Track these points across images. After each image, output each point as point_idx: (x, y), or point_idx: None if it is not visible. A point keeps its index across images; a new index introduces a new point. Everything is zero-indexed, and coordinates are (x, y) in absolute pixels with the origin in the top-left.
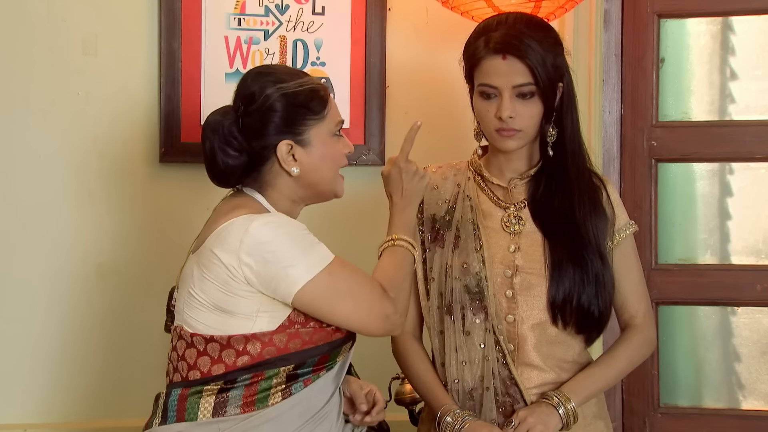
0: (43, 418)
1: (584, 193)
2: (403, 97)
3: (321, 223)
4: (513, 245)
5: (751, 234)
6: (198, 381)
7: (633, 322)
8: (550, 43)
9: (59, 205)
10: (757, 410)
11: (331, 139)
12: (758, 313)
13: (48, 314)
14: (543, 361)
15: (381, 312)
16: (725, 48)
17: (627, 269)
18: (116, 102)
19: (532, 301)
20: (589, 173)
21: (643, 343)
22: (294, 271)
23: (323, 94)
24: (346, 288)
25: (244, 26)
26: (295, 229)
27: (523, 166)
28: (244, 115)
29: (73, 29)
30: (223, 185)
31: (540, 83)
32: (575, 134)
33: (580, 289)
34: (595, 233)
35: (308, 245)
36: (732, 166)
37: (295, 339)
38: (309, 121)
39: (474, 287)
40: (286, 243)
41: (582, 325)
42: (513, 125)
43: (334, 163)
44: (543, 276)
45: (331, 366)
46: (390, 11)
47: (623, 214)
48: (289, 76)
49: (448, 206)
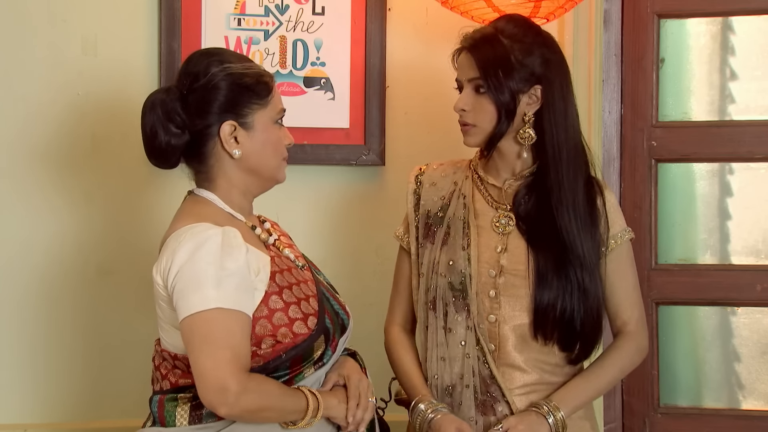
0: (42, 419)
1: (569, 200)
2: (403, 98)
3: (320, 222)
4: (500, 246)
5: (750, 234)
6: (170, 390)
7: (625, 329)
8: (526, 43)
9: (57, 204)
10: (757, 410)
11: (273, 126)
12: (758, 313)
13: (45, 314)
14: (524, 362)
15: (222, 382)
16: (725, 48)
17: (620, 276)
18: (116, 102)
19: (514, 302)
20: (585, 179)
21: (635, 351)
22: (182, 302)
23: (268, 80)
24: (206, 338)
25: (244, 26)
26: (208, 260)
27: (518, 167)
28: (188, 92)
29: (73, 29)
30: (162, 165)
31: (488, 79)
32: (558, 140)
33: (563, 299)
34: (581, 242)
35: (206, 280)
36: (732, 166)
37: (255, 358)
38: (253, 104)
39: (457, 285)
40: (191, 271)
41: (564, 341)
42: (466, 119)
43: (275, 151)
44: (526, 279)
45: (309, 363)
46: (390, 11)
47: (619, 220)
48: (236, 58)
49: (443, 203)
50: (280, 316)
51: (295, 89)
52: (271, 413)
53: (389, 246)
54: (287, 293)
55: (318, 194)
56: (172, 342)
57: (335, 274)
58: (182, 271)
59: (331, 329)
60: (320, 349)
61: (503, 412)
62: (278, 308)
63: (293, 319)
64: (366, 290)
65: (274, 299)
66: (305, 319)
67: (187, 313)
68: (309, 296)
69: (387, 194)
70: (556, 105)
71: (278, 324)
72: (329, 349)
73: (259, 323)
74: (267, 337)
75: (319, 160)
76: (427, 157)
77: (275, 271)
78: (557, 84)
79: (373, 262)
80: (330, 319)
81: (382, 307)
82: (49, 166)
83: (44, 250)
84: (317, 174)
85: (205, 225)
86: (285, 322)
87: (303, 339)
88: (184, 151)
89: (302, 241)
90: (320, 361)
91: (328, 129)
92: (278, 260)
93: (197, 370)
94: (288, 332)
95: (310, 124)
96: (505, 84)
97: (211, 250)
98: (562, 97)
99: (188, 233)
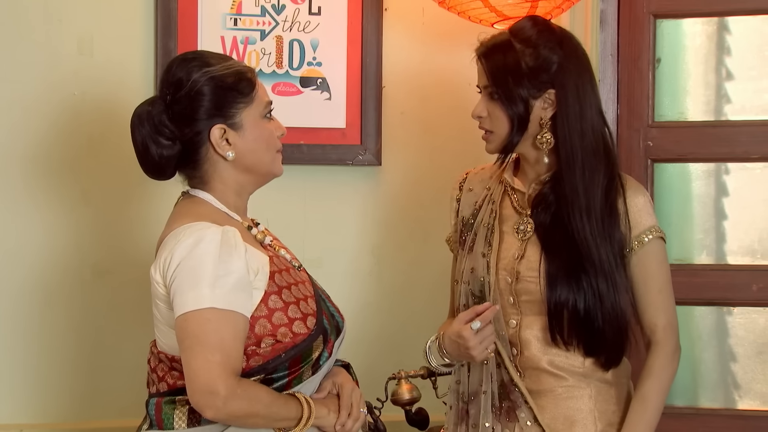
0: (38, 419)
1: (583, 205)
2: (400, 98)
3: (316, 222)
4: (518, 252)
5: (746, 234)
6: (168, 392)
7: (654, 338)
8: (539, 47)
9: (53, 204)
10: (753, 410)
11: (262, 121)
12: (754, 313)
13: (41, 314)
14: (550, 365)
15: (211, 385)
16: (721, 48)
17: (645, 278)
18: (112, 102)
19: (531, 307)
20: (608, 180)
21: (668, 363)
22: (178, 299)
23: (250, 76)
24: (198, 339)
25: (240, 26)
26: (206, 257)
27: (542, 170)
28: (172, 102)
29: (69, 29)
30: (158, 177)
31: (498, 87)
32: (572, 143)
33: (575, 303)
34: (597, 248)
35: (202, 278)
36: (728, 166)
37: (254, 357)
38: (239, 103)
39: (477, 292)
40: (188, 268)
41: (586, 345)
42: (484, 125)
43: (268, 145)
44: (538, 285)
45: (308, 364)
46: (386, 11)
47: (645, 219)
48: (214, 59)
49: (475, 209)
50: (280, 315)
51: (292, 89)
52: (259, 420)
53: (385, 246)
54: (286, 293)
55: (314, 194)
56: (168, 343)
57: (331, 274)
58: (181, 266)
59: (329, 330)
60: (318, 349)
61: (526, 419)
62: (278, 308)
63: (293, 319)
64: (362, 290)
65: (274, 299)
66: (304, 319)
67: (181, 311)
68: (307, 297)
69: (383, 194)
70: (570, 108)
71: (278, 323)
72: (326, 351)
73: (258, 323)
74: (267, 337)
75: (316, 160)
76: (424, 158)
77: (274, 271)
78: (571, 86)
79: (369, 262)
80: (327, 320)
81: (378, 307)
82: (45, 167)
83: (40, 250)
84: (313, 174)
85: (203, 223)
86: (285, 321)
87: (302, 339)
88: (178, 160)
89: (298, 241)
90: (317, 363)
91: (325, 129)
92: (276, 260)
93: (188, 370)
94: (288, 332)
95: (306, 124)
96: (515, 92)
97: (210, 247)
98: (578, 100)
99: (187, 231)
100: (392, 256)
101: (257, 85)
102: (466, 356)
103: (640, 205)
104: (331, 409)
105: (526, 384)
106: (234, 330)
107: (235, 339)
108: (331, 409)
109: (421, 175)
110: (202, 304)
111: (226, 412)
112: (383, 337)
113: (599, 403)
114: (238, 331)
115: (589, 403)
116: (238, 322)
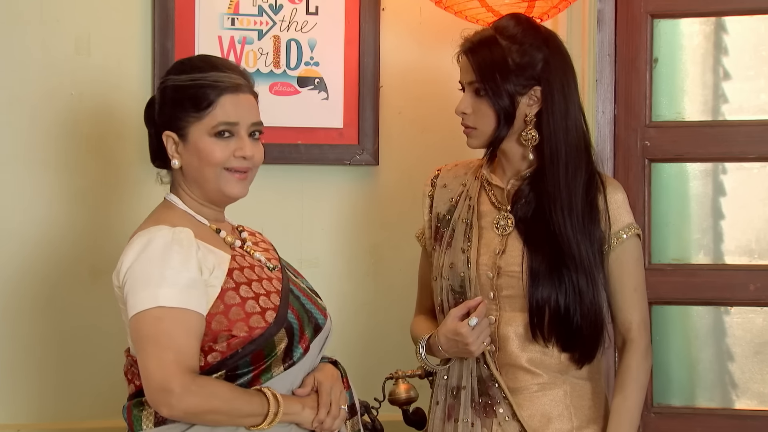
0: (35, 419)
1: (564, 201)
2: (397, 97)
3: (313, 222)
4: (499, 247)
5: (744, 234)
6: (135, 394)
7: (628, 336)
8: (525, 44)
9: (51, 204)
10: (750, 410)
11: (208, 140)
12: (751, 313)
13: (39, 314)
14: (528, 362)
15: (164, 383)
16: (718, 48)
17: (621, 275)
18: (109, 102)
19: (512, 303)
20: (588, 177)
21: (643, 360)
22: (130, 300)
23: (210, 94)
24: (150, 338)
25: (237, 26)
26: (154, 258)
27: (522, 167)
28: (152, 101)
29: (67, 29)
30: (160, 165)
31: (485, 83)
32: (556, 140)
33: (557, 299)
34: (577, 243)
35: (151, 279)
36: (725, 166)
37: (212, 353)
38: (190, 117)
39: (458, 287)
40: (138, 270)
41: (563, 341)
42: (467, 122)
43: (207, 164)
44: (521, 280)
45: (273, 358)
46: (384, 11)
47: (623, 217)
48: (193, 69)
49: (451, 205)
50: (237, 311)
51: (289, 89)
52: (221, 416)
53: (383, 246)
54: (245, 289)
55: (311, 194)
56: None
57: (329, 274)
58: (131, 269)
59: (296, 326)
60: (282, 343)
61: (504, 415)
62: (235, 303)
63: (249, 314)
64: (360, 290)
65: (231, 295)
66: (263, 314)
67: (133, 311)
68: (270, 292)
69: (381, 194)
70: (556, 105)
71: (234, 319)
72: (298, 347)
73: (215, 319)
74: (223, 332)
75: (313, 160)
76: (421, 157)
77: (234, 268)
78: (557, 84)
79: (366, 261)
80: (296, 316)
81: (375, 306)
82: (42, 166)
83: (37, 250)
84: (311, 174)
85: (157, 227)
86: (241, 317)
87: (260, 333)
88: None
89: (296, 241)
90: (288, 358)
91: (322, 129)
92: (240, 259)
93: (143, 370)
94: (244, 326)
95: (303, 123)
96: (502, 87)
97: (158, 248)
98: (563, 97)
99: (139, 235)
100: (390, 255)
101: (218, 103)
102: (464, 352)
103: (620, 202)
104: (307, 405)
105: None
106: (186, 327)
107: (188, 336)
108: (308, 405)
109: (419, 174)
110: (152, 303)
111: (180, 408)
112: (381, 337)
113: (574, 399)
114: (192, 329)
115: (564, 399)
116: (191, 319)
